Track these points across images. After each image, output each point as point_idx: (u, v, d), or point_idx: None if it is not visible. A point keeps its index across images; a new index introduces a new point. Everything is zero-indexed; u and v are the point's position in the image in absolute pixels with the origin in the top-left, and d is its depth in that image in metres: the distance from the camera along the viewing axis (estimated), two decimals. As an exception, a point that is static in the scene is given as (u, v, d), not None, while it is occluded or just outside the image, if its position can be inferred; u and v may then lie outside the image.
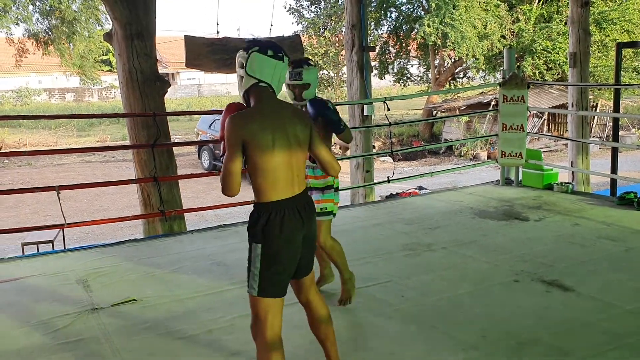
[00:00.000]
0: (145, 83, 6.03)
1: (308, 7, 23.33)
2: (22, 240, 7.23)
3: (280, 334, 2.41)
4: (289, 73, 3.44)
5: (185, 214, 6.73)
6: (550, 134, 20.80)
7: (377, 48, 21.39)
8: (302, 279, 2.57)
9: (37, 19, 17.58)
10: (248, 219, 2.44)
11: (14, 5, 16.72)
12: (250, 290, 2.38)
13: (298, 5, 23.26)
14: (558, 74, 19.96)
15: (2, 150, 20.53)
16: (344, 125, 3.52)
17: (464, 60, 20.13)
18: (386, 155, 17.68)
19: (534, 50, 19.45)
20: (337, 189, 3.63)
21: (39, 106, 36.23)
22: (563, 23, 18.90)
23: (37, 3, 17.22)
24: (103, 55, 39.73)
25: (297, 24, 23.46)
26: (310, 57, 3.77)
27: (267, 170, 2.33)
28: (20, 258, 5.10)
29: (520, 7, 19.88)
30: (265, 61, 2.39)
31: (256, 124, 2.31)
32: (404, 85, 23.90)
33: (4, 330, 3.46)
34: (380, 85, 33.12)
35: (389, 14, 22.08)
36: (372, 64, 16.32)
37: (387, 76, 23.32)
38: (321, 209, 3.51)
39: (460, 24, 18.38)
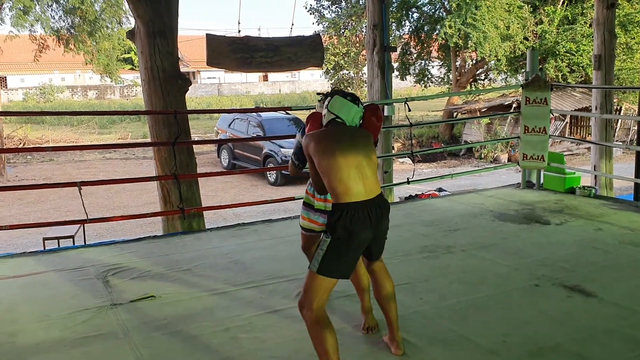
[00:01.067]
0: (167, 81, 6.06)
1: (329, 7, 23.29)
2: (44, 235, 7.31)
3: (325, 308, 2.72)
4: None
5: (203, 212, 6.75)
6: (572, 137, 20.53)
7: (398, 49, 21.29)
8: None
9: (60, 16, 17.84)
10: (328, 215, 2.83)
11: (35, 7, 16.97)
12: (311, 267, 2.74)
13: (319, 5, 23.25)
14: (581, 77, 19.68)
15: (25, 146, 20.82)
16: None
17: (487, 60, 19.92)
18: (405, 157, 17.59)
19: (557, 52, 19.20)
20: None
21: (61, 103, 36.71)
22: (587, 25, 18.63)
23: (61, 1, 17.47)
24: (125, 53, 40.23)
25: (318, 24, 23.45)
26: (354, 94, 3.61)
27: (336, 172, 2.72)
28: (42, 253, 5.16)
29: (544, 9, 19.64)
30: (346, 103, 2.94)
31: (326, 137, 2.82)
32: (424, 86, 23.76)
33: (24, 324, 3.51)
34: (401, 86, 32.99)
35: (410, 14, 21.97)
36: (393, 64, 16.28)
37: (407, 77, 23.20)
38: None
39: (483, 24, 18.20)
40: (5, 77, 38.43)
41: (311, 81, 47.57)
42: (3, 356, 3.10)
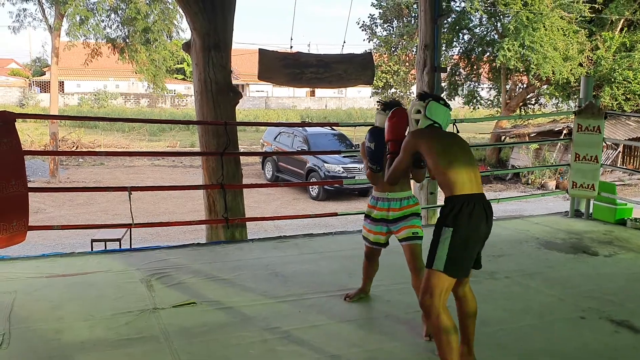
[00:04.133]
0: (219, 93, 6.19)
1: (381, 24, 23.41)
2: (92, 236, 7.53)
3: (446, 305, 2.77)
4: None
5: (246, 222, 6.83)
6: (625, 167, 19.92)
7: (447, 69, 21.19)
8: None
9: (117, 26, 18.51)
10: (440, 211, 2.89)
11: (93, 17, 17.64)
12: (435, 266, 2.75)
13: (371, 22, 23.38)
14: (637, 105, 19.13)
15: (78, 149, 21.52)
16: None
17: (550, 80, 19.52)
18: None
19: (613, 79, 18.73)
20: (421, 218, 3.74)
21: (114, 109, 37.85)
22: (647, 53, 18.15)
23: (119, 12, 18.12)
24: (178, 64, 41.29)
25: (369, 41, 23.58)
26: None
27: (448, 165, 2.83)
28: (89, 254, 5.31)
29: (601, 35, 19.22)
30: (440, 107, 3.08)
31: (431, 135, 2.99)
32: (473, 108, 23.52)
33: (70, 322, 3.61)
34: (448, 107, 32.72)
35: (461, 35, 21.87)
36: (442, 84, 16.16)
37: (456, 98, 23.03)
38: (414, 233, 3.56)
39: (541, 46, 17.92)
40: (63, 81, 39.87)
41: (357, 98, 47.73)
42: (49, 352, 3.20)
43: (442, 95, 3.22)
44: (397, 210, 3.60)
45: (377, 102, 3.76)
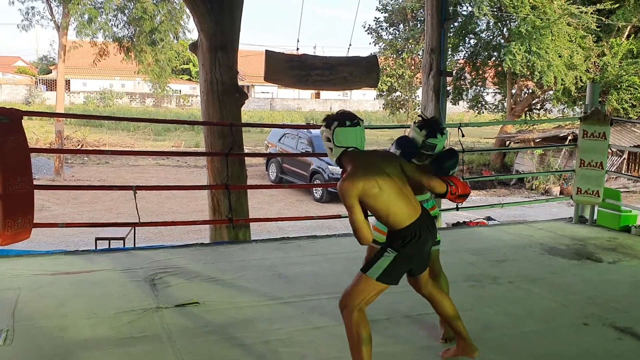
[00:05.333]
0: (225, 94, 6.21)
1: (387, 28, 23.42)
2: (96, 235, 7.56)
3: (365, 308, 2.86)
4: (422, 142, 3.36)
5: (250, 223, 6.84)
6: (630, 174, 19.86)
7: (453, 73, 21.18)
8: (418, 276, 3.09)
9: (124, 25, 18.56)
10: (387, 237, 2.93)
11: (100, 16, 17.70)
12: (369, 273, 2.84)
13: (377, 26, 23.40)
14: (642, 112, 19.12)
15: (83, 148, 21.58)
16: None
17: (552, 89, 19.52)
18: (454, 182, 17.35)
19: (620, 86, 18.70)
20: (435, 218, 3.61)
21: (120, 108, 37.97)
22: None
23: (126, 11, 18.18)
24: (183, 64, 41.38)
25: (375, 45, 23.60)
26: (437, 119, 3.70)
27: (387, 207, 2.80)
28: (93, 252, 5.32)
29: (608, 41, 19.19)
30: (348, 131, 2.87)
31: (363, 180, 2.76)
32: (478, 113, 23.50)
33: (73, 320, 3.62)
34: (453, 110, 32.75)
35: (467, 40, 21.87)
36: (447, 89, 16.17)
37: (460, 102, 23.02)
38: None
39: (547, 52, 17.91)
40: (69, 80, 40.01)
41: (363, 100, 47.76)
42: (53, 349, 3.22)
43: (350, 112, 2.96)
44: None
45: (419, 116, 3.50)
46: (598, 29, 19.21)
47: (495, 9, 19.16)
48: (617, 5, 18.58)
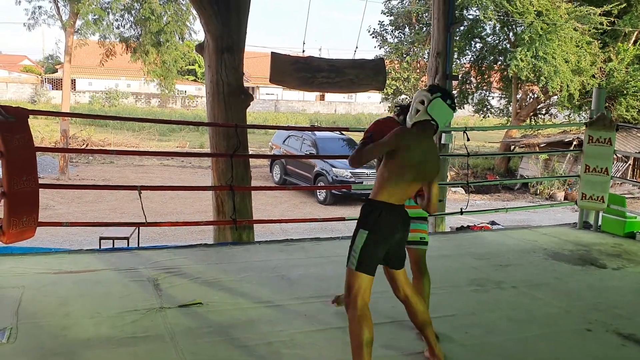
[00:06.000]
0: (231, 95, 6.22)
1: (392, 32, 23.42)
2: (100, 234, 7.57)
3: (368, 304, 2.90)
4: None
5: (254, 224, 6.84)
6: (635, 180, 19.80)
7: (459, 77, 21.17)
8: (397, 275, 3.12)
9: (131, 25, 18.62)
10: (360, 211, 3.00)
11: (107, 16, 17.76)
12: (349, 265, 2.94)
13: (382, 29, 23.40)
14: (649, 118, 19.06)
15: (88, 147, 21.64)
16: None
17: (558, 95, 19.49)
18: (459, 186, 17.35)
19: (626, 91, 18.66)
20: (427, 221, 3.73)
21: (125, 108, 38.02)
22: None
23: (132, 12, 18.23)
24: (189, 65, 41.43)
25: (380, 48, 23.59)
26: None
27: (396, 175, 2.93)
28: (97, 251, 5.34)
29: (615, 47, 19.14)
30: (444, 108, 3.03)
31: (412, 145, 2.96)
32: (483, 117, 23.48)
33: (77, 318, 3.63)
34: (458, 114, 32.64)
35: (473, 43, 21.85)
36: (453, 92, 16.15)
37: (466, 106, 23.00)
38: (420, 238, 3.57)
39: (554, 58, 17.88)
40: (75, 79, 40.09)
41: (367, 103, 47.70)
42: (55, 348, 3.22)
43: (453, 95, 3.10)
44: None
45: (396, 106, 3.70)
46: (604, 35, 19.19)
47: (501, 14, 19.14)
48: (624, 8, 18.55)
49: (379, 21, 23.39)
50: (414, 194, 3.20)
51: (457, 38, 20.17)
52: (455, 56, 21.28)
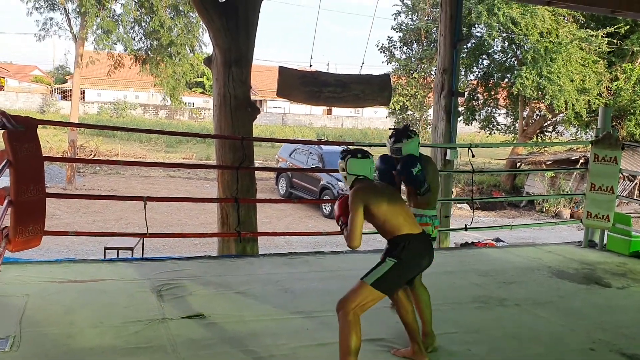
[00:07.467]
0: (238, 108, 6.25)
1: (400, 47, 23.51)
2: (105, 244, 7.59)
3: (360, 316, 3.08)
4: (390, 147, 3.91)
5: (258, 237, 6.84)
6: (641, 199, 19.69)
7: (466, 93, 21.20)
8: None
9: (141, 38, 18.78)
10: (386, 249, 3.22)
11: (118, 29, 17.93)
12: (366, 279, 3.13)
13: (390, 45, 23.49)
14: (656, 137, 19.03)
15: (96, 157, 21.74)
16: (426, 188, 3.75)
17: (564, 113, 19.50)
18: (464, 203, 17.32)
19: (633, 111, 18.66)
20: (434, 239, 3.81)
21: (133, 119, 38.24)
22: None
23: (143, 24, 18.41)
24: (197, 77, 41.71)
25: (387, 64, 23.66)
26: (409, 125, 4.31)
27: (392, 214, 3.19)
28: (102, 261, 5.36)
29: (621, 66, 19.16)
30: (359, 162, 3.35)
31: (372, 190, 3.28)
32: (489, 133, 23.47)
33: (80, 327, 3.64)
34: (464, 130, 32.71)
35: (480, 60, 21.90)
36: (459, 109, 16.19)
37: (472, 122, 23.02)
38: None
39: (558, 77, 17.92)
40: (84, 90, 40.42)
41: (374, 118, 47.84)
42: (58, 357, 3.24)
43: (360, 149, 3.46)
44: None
45: (390, 128, 3.91)
46: (611, 54, 19.22)
47: (509, 32, 19.21)
48: (630, 28, 18.60)
49: (388, 36, 23.50)
50: (411, 206, 3.54)
51: (465, 55, 20.25)
52: (463, 73, 21.34)
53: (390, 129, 3.94)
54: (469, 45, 20.29)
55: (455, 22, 7.34)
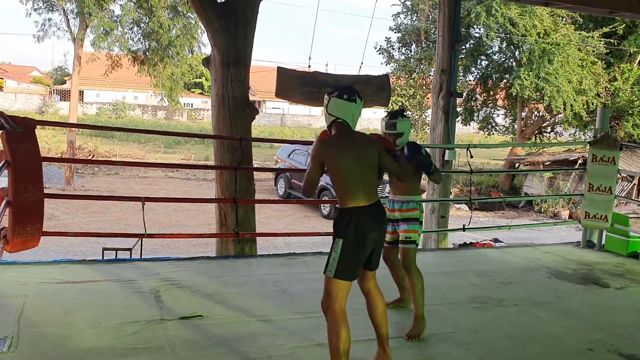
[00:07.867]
0: (236, 108, 6.25)
1: (399, 48, 23.52)
2: (103, 245, 7.58)
3: (345, 309, 2.98)
4: (384, 123, 4.04)
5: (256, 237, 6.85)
6: (639, 199, 19.73)
7: (464, 94, 21.22)
8: (367, 271, 3.19)
9: (139, 39, 18.77)
10: (333, 222, 3.08)
11: (117, 29, 17.93)
12: (327, 272, 3.01)
13: (389, 46, 23.50)
14: (654, 138, 19.06)
15: (95, 158, 21.74)
16: (434, 168, 3.95)
17: (562, 113, 19.54)
18: (462, 203, 17.33)
19: (631, 111, 18.69)
20: (421, 222, 4.01)
21: (132, 120, 38.23)
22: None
23: (141, 25, 18.40)
24: (196, 78, 41.71)
25: (386, 64, 23.68)
26: (405, 108, 4.62)
27: (343, 180, 3.00)
28: (100, 262, 5.35)
29: (619, 66, 19.19)
30: (342, 104, 3.10)
31: (334, 147, 3.04)
32: (488, 134, 23.50)
33: (78, 328, 3.64)
34: (463, 131, 32.73)
35: (479, 61, 21.93)
36: (458, 109, 16.20)
37: (471, 123, 23.04)
38: (406, 237, 3.94)
39: (556, 78, 17.96)
40: (83, 91, 40.40)
41: (372, 119, 47.84)
42: (56, 358, 3.23)
43: (352, 88, 3.20)
44: (397, 212, 4.01)
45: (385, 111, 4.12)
46: (609, 55, 19.25)
47: (507, 33, 19.23)
48: (628, 29, 18.64)
49: (386, 37, 23.51)
50: (378, 186, 3.34)
51: (463, 55, 20.27)
52: (461, 73, 21.37)
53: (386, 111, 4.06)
54: (468, 46, 20.31)
55: (454, 23, 7.37)
